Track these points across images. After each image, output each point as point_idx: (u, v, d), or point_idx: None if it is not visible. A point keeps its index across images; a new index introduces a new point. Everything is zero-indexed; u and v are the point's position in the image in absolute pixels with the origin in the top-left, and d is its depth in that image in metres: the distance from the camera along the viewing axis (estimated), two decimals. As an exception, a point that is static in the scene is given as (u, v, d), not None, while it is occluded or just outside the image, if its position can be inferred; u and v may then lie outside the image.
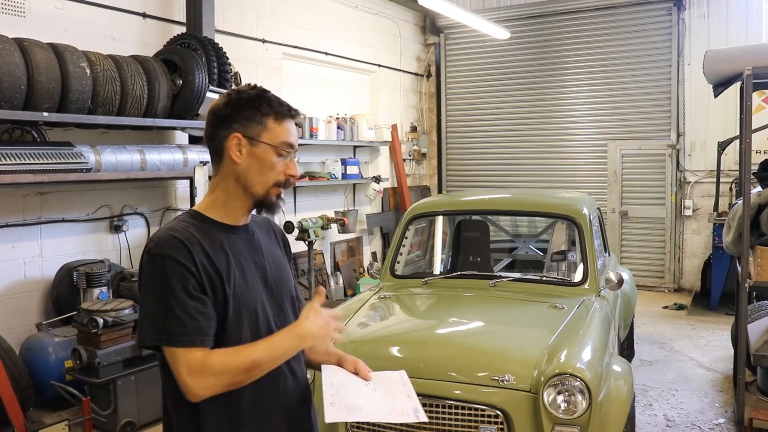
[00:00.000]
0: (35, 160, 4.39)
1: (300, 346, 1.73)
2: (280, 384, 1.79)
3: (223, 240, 1.77)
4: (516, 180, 10.11)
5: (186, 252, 1.66)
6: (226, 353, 1.65)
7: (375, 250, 9.46)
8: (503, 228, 6.31)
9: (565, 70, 9.75)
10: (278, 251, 1.95)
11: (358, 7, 8.98)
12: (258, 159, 1.75)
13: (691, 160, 9.01)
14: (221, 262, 1.72)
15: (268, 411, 1.78)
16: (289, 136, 1.78)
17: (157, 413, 4.65)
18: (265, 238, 1.92)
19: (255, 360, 1.65)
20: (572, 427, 2.87)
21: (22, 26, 4.97)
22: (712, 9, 8.74)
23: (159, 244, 1.67)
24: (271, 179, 1.76)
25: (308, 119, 7.71)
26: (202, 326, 1.64)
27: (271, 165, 1.75)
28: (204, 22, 6.05)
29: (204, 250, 1.70)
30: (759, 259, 4.33)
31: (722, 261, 7.73)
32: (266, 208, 1.80)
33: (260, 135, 1.75)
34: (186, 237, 1.69)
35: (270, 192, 1.77)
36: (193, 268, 1.65)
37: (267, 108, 1.76)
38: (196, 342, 1.62)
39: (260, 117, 1.75)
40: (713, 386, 5.43)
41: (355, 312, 3.85)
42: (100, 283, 4.99)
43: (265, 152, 1.75)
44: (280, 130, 1.76)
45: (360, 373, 1.88)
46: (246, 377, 1.66)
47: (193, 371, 1.61)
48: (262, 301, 1.80)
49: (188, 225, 1.75)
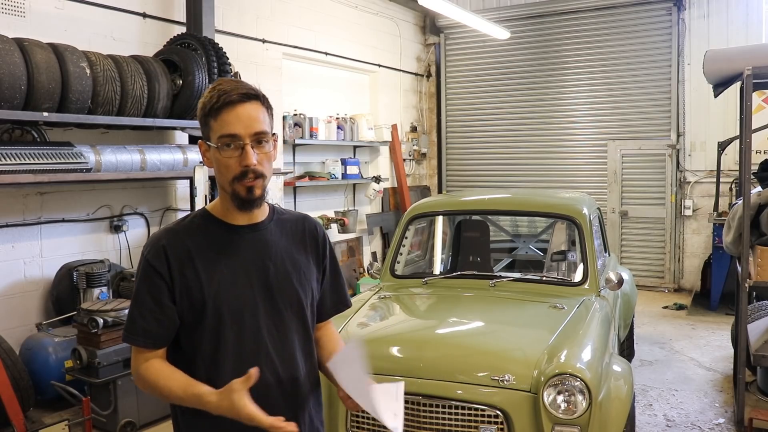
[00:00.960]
0: (35, 160, 4.39)
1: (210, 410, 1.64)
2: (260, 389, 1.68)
3: (220, 240, 1.78)
4: (516, 180, 10.11)
5: (163, 257, 1.73)
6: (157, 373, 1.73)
7: (375, 250, 9.46)
8: (503, 228, 6.31)
9: (565, 70, 9.75)
10: (300, 253, 1.89)
11: (358, 7, 8.98)
12: (215, 161, 1.75)
13: (691, 160, 9.00)
14: (208, 265, 1.74)
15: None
16: (228, 126, 1.68)
17: (157, 413, 4.65)
18: (285, 238, 1.87)
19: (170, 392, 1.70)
20: (572, 427, 2.87)
21: (22, 26, 4.97)
22: (712, 9, 8.74)
23: (147, 246, 1.79)
24: (228, 176, 1.72)
25: (308, 119, 7.72)
26: (152, 330, 1.72)
27: (223, 163, 1.72)
28: (204, 22, 6.05)
29: (188, 253, 1.74)
30: (759, 259, 4.33)
31: (722, 261, 7.73)
32: (242, 204, 1.76)
33: (210, 137, 1.74)
34: (170, 240, 1.76)
35: (235, 188, 1.73)
36: (165, 274, 1.73)
37: (207, 107, 1.71)
38: (139, 342, 1.73)
39: (205, 120, 1.74)
40: (713, 386, 5.43)
41: (355, 312, 3.85)
42: (100, 283, 4.99)
43: (215, 153, 1.73)
44: (217, 125, 1.70)
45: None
46: (165, 400, 1.76)
47: (133, 371, 1.78)
48: (253, 303, 1.77)
49: (187, 225, 1.81)
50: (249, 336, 1.76)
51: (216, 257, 1.76)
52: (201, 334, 1.74)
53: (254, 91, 1.73)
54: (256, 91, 1.74)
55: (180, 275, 1.73)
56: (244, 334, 1.75)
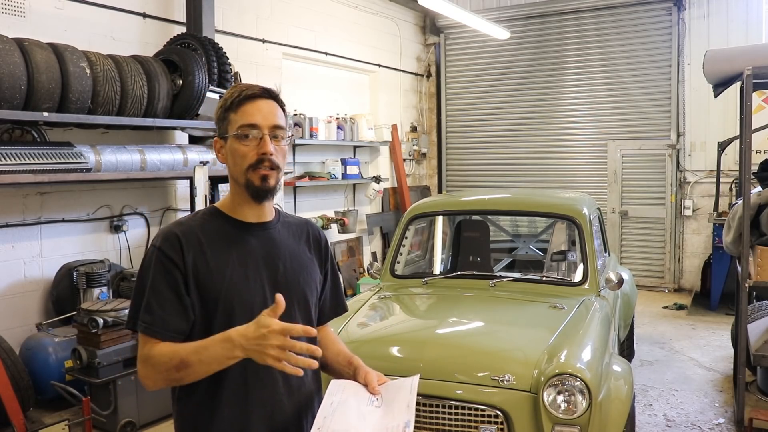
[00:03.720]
0: (35, 160, 4.39)
1: (227, 353, 1.57)
2: (267, 384, 1.75)
3: (231, 235, 1.78)
4: (516, 180, 10.11)
5: (178, 248, 1.71)
6: (164, 347, 1.65)
7: (375, 250, 9.46)
8: (503, 228, 6.31)
9: (565, 70, 9.75)
10: (306, 254, 1.92)
11: (358, 7, 8.98)
12: (231, 152, 1.79)
13: (691, 160, 9.01)
14: (220, 258, 1.74)
15: (247, 410, 1.74)
16: (248, 117, 1.75)
17: (157, 413, 4.65)
18: (292, 239, 1.90)
19: (183, 359, 1.61)
20: (572, 427, 2.87)
21: (22, 26, 4.97)
22: (712, 9, 8.74)
23: (159, 237, 1.76)
24: (244, 165, 1.76)
25: (308, 119, 7.71)
26: (169, 321, 1.67)
27: (241, 153, 1.76)
28: (204, 22, 6.05)
29: (201, 246, 1.73)
30: (759, 259, 4.33)
31: (722, 261, 7.73)
32: (256, 193, 1.78)
33: (227, 131, 1.79)
34: (185, 232, 1.74)
35: (250, 177, 1.76)
36: (180, 264, 1.70)
37: (227, 104, 1.79)
38: (157, 334, 1.66)
39: (224, 114, 1.80)
40: (713, 386, 5.43)
41: (355, 312, 3.85)
42: (100, 283, 4.99)
43: (232, 143, 1.78)
44: (237, 117, 1.76)
45: (369, 386, 1.81)
46: (178, 375, 1.63)
47: (141, 359, 1.68)
48: (263, 300, 1.77)
49: (198, 219, 1.81)
50: None
51: (227, 252, 1.76)
52: (211, 330, 1.69)
53: (274, 91, 1.83)
54: (275, 91, 1.84)
55: (193, 267, 1.71)
56: None
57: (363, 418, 1.71)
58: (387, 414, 1.74)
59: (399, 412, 1.72)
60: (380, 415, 1.74)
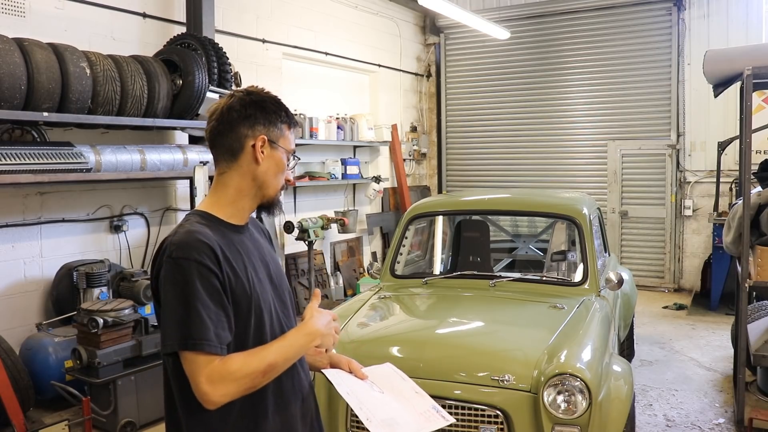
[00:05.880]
0: (35, 160, 4.39)
1: (309, 344, 1.73)
2: (294, 375, 1.83)
3: (234, 240, 1.77)
4: (516, 180, 10.11)
5: (212, 255, 1.64)
6: (243, 358, 1.63)
7: (375, 250, 9.46)
8: (503, 228, 6.31)
9: (565, 70, 9.75)
10: (270, 247, 1.99)
11: (358, 7, 8.98)
12: (276, 162, 1.81)
13: (691, 160, 9.01)
14: (239, 263, 1.72)
15: (287, 403, 1.80)
16: (292, 144, 1.87)
17: (157, 413, 4.65)
18: (260, 237, 1.95)
19: (270, 362, 1.64)
20: (572, 427, 2.88)
21: (22, 26, 4.97)
22: (712, 9, 8.74)
23: (182, 247, 1.64)
24: (281, 182, 1.84)
25: (308, 119, 7.71)
26: (222, 335, 1.62)
27: (283, 169, 1.83)
28: (204, 22, 6.05)
29: (224, 253, 1.68)
30: (759, 259, 4.33)
31: (722, 261, 7.73)
32: (271, 208, 1.85)
33: (279, 140, 1.81)
34: (209, 239, 1.67)
35: (277, 194, 1.84)
36: (218, 272, 1.64)
37: (285, 116, 1.84)
38: (216, 350, 1.59)
39: (280, 123, 1.82)
40: (713, 386, 5.43)
41: (355, 312, 3.85)
42: (100, 283, 4.99)
43: (280, 160, 1.82)
44: (291, 137, 1.86)
45: (356, 373, 1.92)
46: (262, 380, 1.64)
47: (212, 379, 1.57)
48: (272, 298, 1.82)
49: (204, 226, 1.71)
50: (276, 330, 1.79)
51: (239, 257, 1.74)
52: (245, 334, 1.70)
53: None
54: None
55: (227, 274, 1.67)
56: (274, 328, 1.78)
57: (388, 405, 1.81)
58: (400, 399, 1.85)
59: (412, 397, 1.86)
60: (399, 403, 1.83)
